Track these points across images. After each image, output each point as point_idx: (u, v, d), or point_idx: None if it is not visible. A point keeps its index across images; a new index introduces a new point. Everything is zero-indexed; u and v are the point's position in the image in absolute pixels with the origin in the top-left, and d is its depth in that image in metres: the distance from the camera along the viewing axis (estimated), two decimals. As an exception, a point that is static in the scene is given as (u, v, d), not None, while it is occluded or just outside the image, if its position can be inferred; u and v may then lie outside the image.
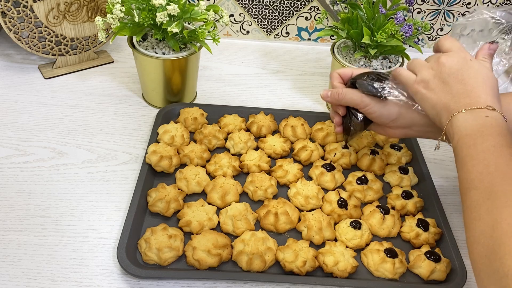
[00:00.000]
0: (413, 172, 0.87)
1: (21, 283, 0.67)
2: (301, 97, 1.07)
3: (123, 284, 0.69)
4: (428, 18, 1.17)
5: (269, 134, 0.92)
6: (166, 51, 0.92)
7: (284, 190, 0.84)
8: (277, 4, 1.17)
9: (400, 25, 0.89)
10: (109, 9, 0.85)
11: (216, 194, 0.79)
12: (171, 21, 0.84)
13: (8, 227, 0.74)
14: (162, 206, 0.76)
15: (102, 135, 0.92)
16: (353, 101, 0.77)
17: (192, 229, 0.74)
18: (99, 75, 1.07)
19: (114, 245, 0.72)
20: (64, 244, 0.73)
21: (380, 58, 0.97)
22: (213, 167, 0.84)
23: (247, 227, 0.75)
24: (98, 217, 0.77)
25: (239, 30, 1.22)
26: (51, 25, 1.00)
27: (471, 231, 0.56)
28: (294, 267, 0.69)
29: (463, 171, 0.61)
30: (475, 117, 0.62)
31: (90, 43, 1.07)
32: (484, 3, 1.15)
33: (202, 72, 1.08)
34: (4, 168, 0.83)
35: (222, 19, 0.91)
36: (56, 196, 0.79)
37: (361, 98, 0.76)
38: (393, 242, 0.75)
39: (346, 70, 0.82)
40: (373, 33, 0.90)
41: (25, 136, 0.90)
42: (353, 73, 0.80)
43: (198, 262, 0.69)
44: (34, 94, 1.00)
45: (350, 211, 0.78)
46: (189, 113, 0.93)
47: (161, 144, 0.86)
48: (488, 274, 0.52)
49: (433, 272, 0.70)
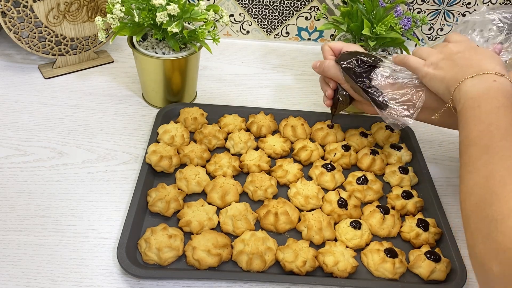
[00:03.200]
0: (413, 172, 0.87)
1: (21, 283, 0.67)
2: (301, 97, 1.07)
3: (123, 284, 0.69)
4: (428, 18, 1.17)
5: (269, 134, 0.92)
6: (166, 51, 0.92)
7: (284, 190, 0.84)
8: (277, 4, 1.17)
9: (399, 18, 0.91)
10: (109, 9, 0.85)
11: (216, 194, 0.79)
12: (171, 21, 0.84)
13: (8, 227, 0.74)
14: (162, 206, 0.76)
15: (102, 135, 0.92)
16: (336, 76, 0.83)
17: (192, 229, 0.74)
18: (99, 75, 1.07)
19: (114, 245, 0.72)
20: (64, 244, 0.73)
21: (380, 51, 0.98)
22: (213, 167, 0.84)
23: (247, 227, 0.75)
24: (98, 217, 0.77)
25: (239, 30, 1.22)
26: (51, 25, 1.00)
27: (464, 183, 0.57)
28: (294, 267, 0.69)
29: (465, 130, 0.61)
30: (483, 81, 0.63)
31: (90, 43, 1.07)
32: (484, 3, 1.15)
33: (202, 72, 1.08)
34: (4, 168, 0.83)
35: (222, 19, 0.91)
36: (56, 196, 0.79)
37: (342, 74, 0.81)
38: (393, 242, 0.75)
39: (337, 44, 0.85)
40: (373, 25, 0.91)
41: (25, 136, 0.90)
42: (342, 49, 0.84)
43: (198, 262, 0.69)
44: (34, 94, 1.00)
45: (350, 211, 0.78)
46: (189, 113, 0.93)
47: (161, 144, 0.86)
48: (477, 221, 0.52)
49: (433, 272, 0.70)
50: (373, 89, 0.79)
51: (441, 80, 0.70)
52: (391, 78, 0.79)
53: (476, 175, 0.55)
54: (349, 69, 0.80)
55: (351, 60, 0.81)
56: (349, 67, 0.80)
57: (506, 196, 0.50)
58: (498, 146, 0.55)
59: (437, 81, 0.70)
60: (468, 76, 0.64)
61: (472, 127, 0.60)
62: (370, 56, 0.81)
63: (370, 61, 0.80)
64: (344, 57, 0.82)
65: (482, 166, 0.55)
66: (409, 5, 1.15)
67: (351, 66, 0.80)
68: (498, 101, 0.60)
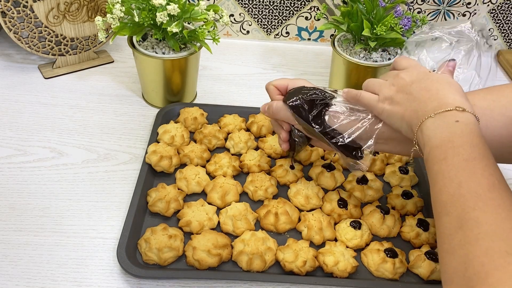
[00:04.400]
0: (413, 172, 0.87)
1: (21, 283, 0.67)
2: (301, 97, 1.07)
3: (123, 284, 0.69)
4: (428, 18, 1.17)
5: (269, 134, 0.92)
6: (166, 51, 0.92)
7: (284, 190, 0.84)
8: (277, 4, 1.17)
9: (399, 18, 0.91)
10: (109, 9, 0.85)
11: (216, 194, 0.79)
12: (171, 21, 0.84)
13: (8, 227, 0.74)
14: (162, 206, 0.76)
15: (102, 135, 0.92)
16: (287, 118, 0.74)
17: (192, 229, 0.74)
18: (99, 75, 1.07)
19: (114, 245, 0.72)
20: (64, 244, 0.73)
21: (380, 51, 0.98)
22: (213, 167, 0.84)
23: (247, 227, 0.75)
24: (98, 217, 0.77)
25: (239, 30, 1.22)
26: (51, 25, 1.00)
27: (444, 266, 0.52)
28: (294, 267, 0.69)
29: (435, 190, 0.57)
30: (445, 123, 0.58)
31: (90, 43, 1.07)
32: (484, 3, 1.15)
33: (202, 72, 1.08)
34: (4, 168, 0.83)
35: (222, 19, 0.91)
36: (56, 196, 0.79)
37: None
38: (393, 242, 0.75)
39: (281, 81, 0.77)
40: (373, 26, 0.92)
41: (25, 136, 0.90)
42: (288, 86, 0.76)
43: (198, 262, 0.69)
44: (34, 94, 1.00)
45: (350, 211, 0.78)
46: (189, 113, 0.93)
47: (161, 144, 0.86)
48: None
49: (433, 272, 0.70)
50: (328, 129, 0.71)
51: (400, 117, 0.64)
52: (345, 115, 0.70)
53: (454, 259, 0.51)
54: (298, 108, 0.72)
55: (299, 97, 0.72)
56: (298, 106, 0.72)
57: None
58: (472, 219, 0.51)
59: (396, 119, 0.65)
60: (428, 116, 0.59)
61: (442, 187, 0.55)
62: (320, 92, 0.72)
63: (319, 98, 0.72)
64: (291, 96, 0.73)
65: (458, 246, 0.51)
66: (409, 5, 1.15)
67: (299, 104, 0.72)
68: (465, 152, 0.55)
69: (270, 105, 0.76)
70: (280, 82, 0.77)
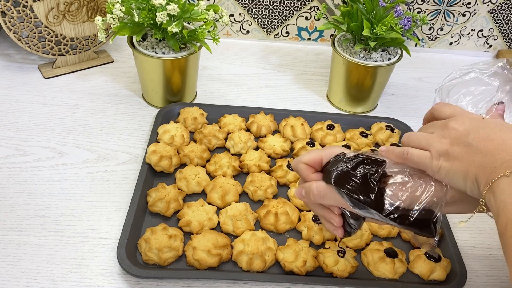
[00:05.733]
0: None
1: (21, 283, 0.67)
2: (301, 97, 1.07)
3: (123, 284, 0.69)
4: (428, 18, 1.17)
5: (269, 134, 0.92)
6: (166, 51, 0.92)
7: (284, 190, 0.84)
8: (277, 4, 1.17)
9: (399, 18, 0.91)
10: (109, 9, 0.85)
11: (216, 194, 0.79)
12: (171, 21, 0.84)
13: (8, 227, 0.74)
14: (162, 206, 0.76)
15: (102, 135, 0.92)
16: (337, 202, 0.57)
17: (192, 229, 0.74)
18: (99, 75, 1.07)
19: (114, 245, 0.72)
20: (64, 244, 0.73)
21: (380, 51, 0.98)
22: (213, 167, 0.84)
23: (247, 227, 0.75)
24: (98, 217, 0.77)
25: (239, 30, 1.22)
26: (51, 25, 1.00)
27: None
28: (294, 267, 0.69)
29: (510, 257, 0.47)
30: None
31: (90, 43, 1.07)
32: (484, 3, 1.15)
33: (202, 72, 1.08)
34: (4, 168, 0.83)
35: (222, 19, 0.91)
36: (56, 196, 0.79)
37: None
38: (393, 242, 0.75)
39: (312, 155, 0.60)
40: (372, 26, 0.92)
41: (25, 136, 0.90)
42: (322, 159, 0.60)
43: (198, 262, 0.69)
44: (34, 94, 1.00)
45: (350, 211, 0.78)
46: (189, 113, 0.93)
47: (161, 144, 0.86)
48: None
49: (433, 272, 0.70)
50: (394, 211, 0.55)
51: (463, 175, 0.52)
52: (407, 186, 0.55)
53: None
54: (355, 193, 0.55)
55: (350, 179, 0.55)
56: (354, 191, 0.55)
57: None
58: None
59: (459, 177, 0.53)
60: (501, 174, 0.49)
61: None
62: (367, 162, 0.57)
63: (372, 172, 0.55)
64: (338, 176, 0.56)
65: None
66: (409, 5, 1.15)
67: (354, 188, 0.55)
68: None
69: (309, 189, 0.59)
70: (312, 156, 0.60)
